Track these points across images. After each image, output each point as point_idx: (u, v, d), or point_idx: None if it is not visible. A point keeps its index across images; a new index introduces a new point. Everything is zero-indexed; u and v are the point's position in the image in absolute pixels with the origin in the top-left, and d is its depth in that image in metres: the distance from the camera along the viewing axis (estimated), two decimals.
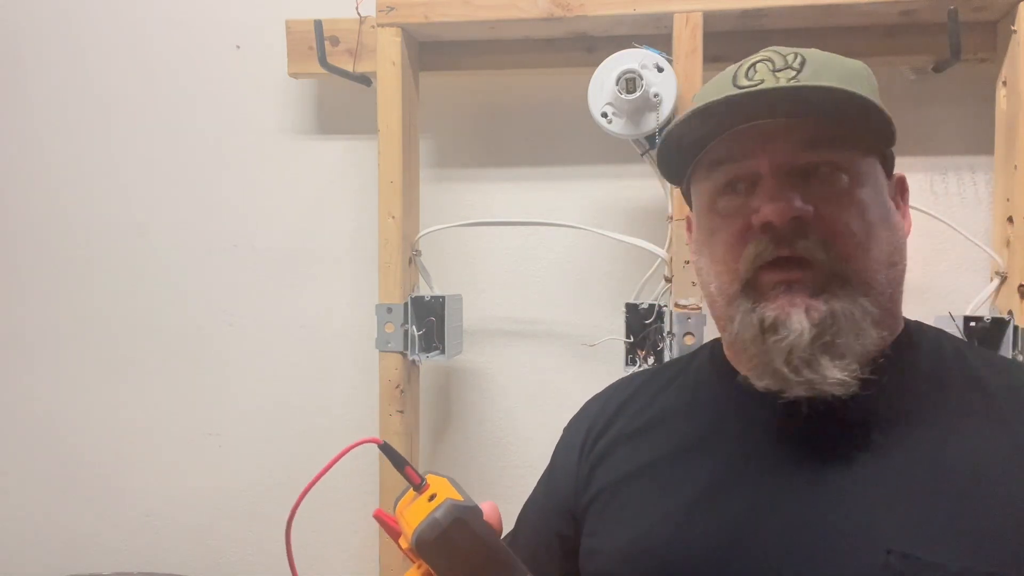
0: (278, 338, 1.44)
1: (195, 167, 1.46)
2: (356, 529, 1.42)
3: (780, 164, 0.64)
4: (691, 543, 0.65)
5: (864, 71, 0.68)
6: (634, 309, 1.19)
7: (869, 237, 0.64)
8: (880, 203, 0.66)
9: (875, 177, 0.67)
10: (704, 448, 0.70)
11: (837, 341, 0.62)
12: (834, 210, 0.64)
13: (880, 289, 0.65)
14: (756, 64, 0.66)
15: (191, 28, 1.46)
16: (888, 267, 0.65)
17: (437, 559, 0.54)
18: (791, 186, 0.64)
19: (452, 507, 0.53)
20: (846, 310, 0.62)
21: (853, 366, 0.62)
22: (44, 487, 1.52)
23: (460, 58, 1.31)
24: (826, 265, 0.63)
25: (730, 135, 0.66)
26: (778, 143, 0.65)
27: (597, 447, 0.79)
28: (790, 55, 0.66)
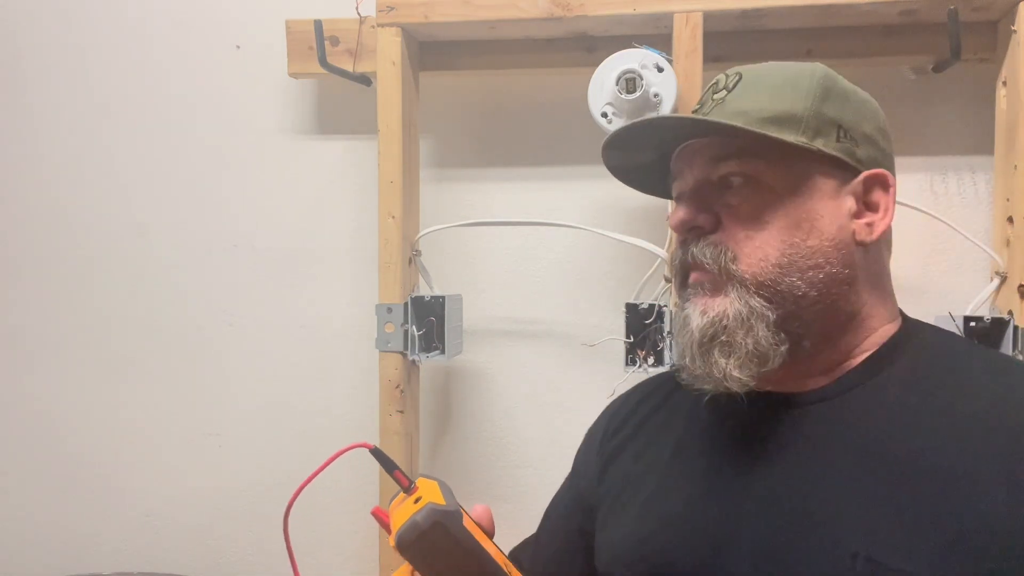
0: (278, 338, 1.44)
1: (195, 167, 1.46)
2: (356, 529, 1.42)
3: (697, 179, 0.71)
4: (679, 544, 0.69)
5: (805, 75, 0.70)
6: (634, 309, 1.19)
7: (765, 241, 0.67)
8: (793, 206, 0.67)
9: (792, 182, 0.67)
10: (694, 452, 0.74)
11: (730, 340, 0.66)
12: (731, 218, 0.69)
13: (790, 293, 0.66)
14: (708, 88, 0.74)
15: (191, 28, 1.46)
16: (803, 271, 0.66)
17: (417, 559, 0.57)
18: (702, 199, 0.70)
19: (431, 511, 0.57)
20: (736, 311, 0.66)
21: (749, 365, 0.66)
22: (44, 487, 1.52)
23: (460, 58, 1.31)
24: (715, 266, 0.68)
25: (676, 155, 0.74)
26: (696, 160, 0.71)
27: (612, 443, 0.83)
28: (732, 75, 0.72)
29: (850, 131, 0.69)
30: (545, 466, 1.37)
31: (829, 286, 0.67)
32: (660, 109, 1.12)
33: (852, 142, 0.69)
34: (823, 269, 0.67)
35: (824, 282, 0.67)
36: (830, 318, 0.68)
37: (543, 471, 1.37)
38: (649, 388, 0.87)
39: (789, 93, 0.68)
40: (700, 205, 0.70)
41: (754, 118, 0.66)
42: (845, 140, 0.68)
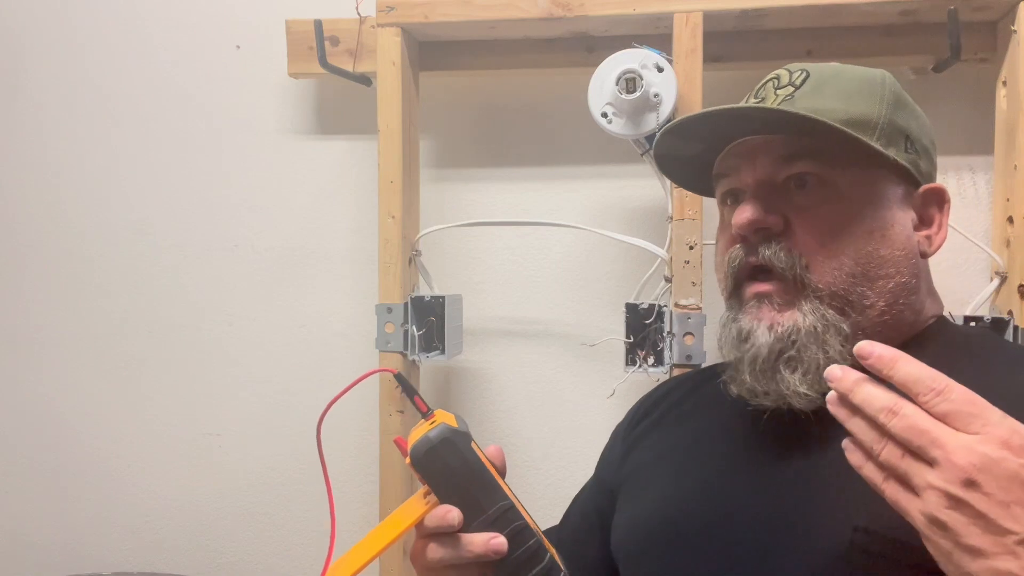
0: (278, 338, 1.44)
1: (195, 167, 1.46)
2: (356, 530, 1.42)
3: (760, 178, 0.68)
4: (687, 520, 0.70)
5: (876, 81, 0.69)
6: (634, 309, 1.19)
7: (841, 250, 0.65)
8: (869, 216, 0.66)
9: (868, 190, 0.66)
10: (717, 438, 0.74)
11: (800, 355, 0.64)
12: (804, 221, 0.66)
13: (860, 303, 0.65)
14: (767, 83, 0.70)
15: (191, 28, 1.46)
16: (874, 280, 0.65)
17: (426, 472, 0.62)
18: (768, 199, 0.67)
19: (444, 429, 0.63)
20: (810, 324, 0.64)
21: (818, 381, 0.63)
22: (44, 487, 1.52)
23: (460, 58, 1.31)
24: (789, 273, 0.65)
25: (728, 152, 0.71)
26: (759, 158, 0.68)
27: (636, 430, 0.84)
28: (796, 72, 0.69)
29: (915, 143, 0.69)
30: (546, 466, 1.37)
31: (897, 296, 0.67)
32: (660, 109, 1.12)
33: (916, 154, 0.69)
34: (893, 279, 0.66)
35: (893, 292, 0.66)
36: (892, 329, 0.67)
37: (544, 471, 1.37)
38: (679, 380, 0.88)
39: (865, 98, 0.67)
40: (767, 204, 0.66)
41: (832, 120, 0.64)
42: (911, 151, 0.68)
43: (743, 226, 0.66)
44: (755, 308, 0.67)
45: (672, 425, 0.81)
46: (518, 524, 0.62)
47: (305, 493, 1.43)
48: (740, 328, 0.67)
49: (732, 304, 0.70)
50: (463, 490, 0.62)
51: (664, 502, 0.73)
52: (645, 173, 1.26)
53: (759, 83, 0.72)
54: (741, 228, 0.66)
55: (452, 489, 0.62)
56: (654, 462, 0.78)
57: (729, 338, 0.69)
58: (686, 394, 0.83)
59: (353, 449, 1.38)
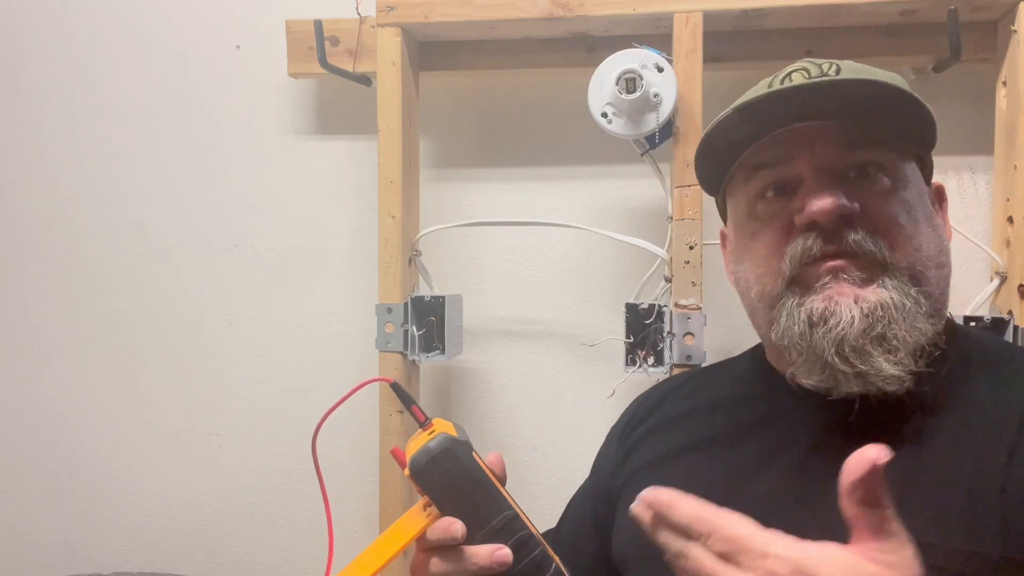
0: (278, 338, 1.44)
1: (195, 167, 1.46)
2: (356, 531, 1.42)
3: (822, 166, 0.65)
4: None
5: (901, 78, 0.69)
6: (634, 309, 1.19)
7: (917, 232, 0.64)
8: (923, 205, 0.67)
9: (916, 180, 0.67)
10: (735, 440, 0.72)
11: (889, 333, 0.60)
12: (880, 205, 0.64)
13: (931, 285, 0.64)
14: (792, 73, 0.66)
15: (191, 28, 1.46)
16: (937, 267, 0.65)
17: (427, 484, 0.61)
18: (834, 186, 0.64)
19: (444, 439, 0.61)
20: (898, 300, 0.61)
21: (906, 360, 0.61)
22: (44, 487, 1.52)
23: (460, 58, 1.31)
24: (875, 256, 0.62)
25: (769, 140, 0.66)
26: (818, 146, 0.65)
27: (636, 433, 0.83)
28: (826, 64, 0.66)
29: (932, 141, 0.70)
30: (546, 466, 1.37)
31: (946, 285, 0.67)
32: (660, 109, 1.12)
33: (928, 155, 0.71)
34: (945, 267, 0.67)
35: (946, 279, 0.67)
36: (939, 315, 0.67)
37: (544, 471, 1.37)
38: (677, 382, 0.87)
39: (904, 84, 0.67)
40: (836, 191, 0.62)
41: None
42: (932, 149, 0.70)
43: (828, 212, 0.62)
44: (832, 284, 0.62)
45: (676, 426, 0.80)
46: (523, 534, 0.60)
47: (305, 493, 1.43)
48: (812, 310, 0.62)
49: (792, 291, 0.64)
50: (465, 501, 0.60)
51: None
52: (645, 173, 1.26)
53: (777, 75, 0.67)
54: (826, 215, 0.62)
55: (454, 501, 0.60)
56: (655, 466, 0.77)
57: (797, 326, 0.63)
58: (688, 395, 0.83)
59: (353, 449, 1.38)
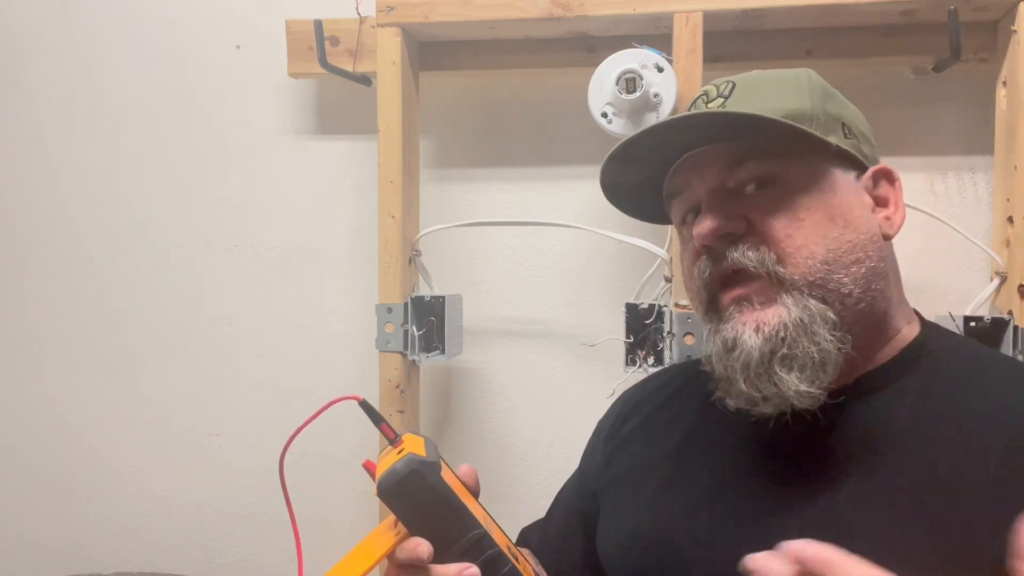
0: (278, 338, 1.44)
1: (195, 167, 1.46)
2: (354, 528, 1.42)
3: (712, 188, 0.67)
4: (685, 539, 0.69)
5: (801, 77, 0.69)
6: (634, 309, 1.19)
7: (809, 238, 0.64)
8: (827, 203, 0.65)
9: (819, 179, 0.66)
10: (711, 450, 0.73)
11: (792, 351, 0.62)
12: (765, 218, 0.65)
13: (838, 291, 0.64)
14: (696, 100, 0.71)
15: (191, 28, 1.46)
16: (847, 266, 0.64)
17: (395, 505, 0.60)
18: (725, 205, 0.66)
19: (410, 461, 0.59)
20: (796, 317, 0.62)
21: (817, 376, 0.62)
22: (44, 487, 1.52)
23: (460, 58, 1.31)
24: (762, 270, 0.64)
25: (675, 170, 0.71)
26: (707, 169, 0.68)
27: (620, 432, 0.83)
28: (723, 84, 0.70)
29: (852, 128, 0.69)
30: (545, 465, 1.37)
31: (870, 281, 0.65)
32: (660, 109, 1.12)
33: (856, 139, 0.69)
34: (864, 264, 0.65)
35: (866, 277, 0.65)
36: (868, 317, 0.66)
37: (544, 471, 1.37)
38: (663, 379, 0.87)
39: (793, 93, 0.67)
40: (725, 211, 0.65)
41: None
42: (851, 136, 0.68)
43: (706, 235, 0.65)
44: (736, 313, 0.65)
45: (661, 427, 0.79)
46: (492, 552, 0.60)
47: (305, 493, 1.43)
48: (725, 338, 0.65)
49: (710, 317, 0.68)
50: (433, 521, 0.60)
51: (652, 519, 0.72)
52: None
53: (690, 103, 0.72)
54: (704, 238, 0.65)
55: (421, 521, 0.60)
56: (644, 467, 0.77)
57: (716, 351, 0.66)
58: (673, 393, 0.82)
59: (352, 448, 1.38)
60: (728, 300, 0.66)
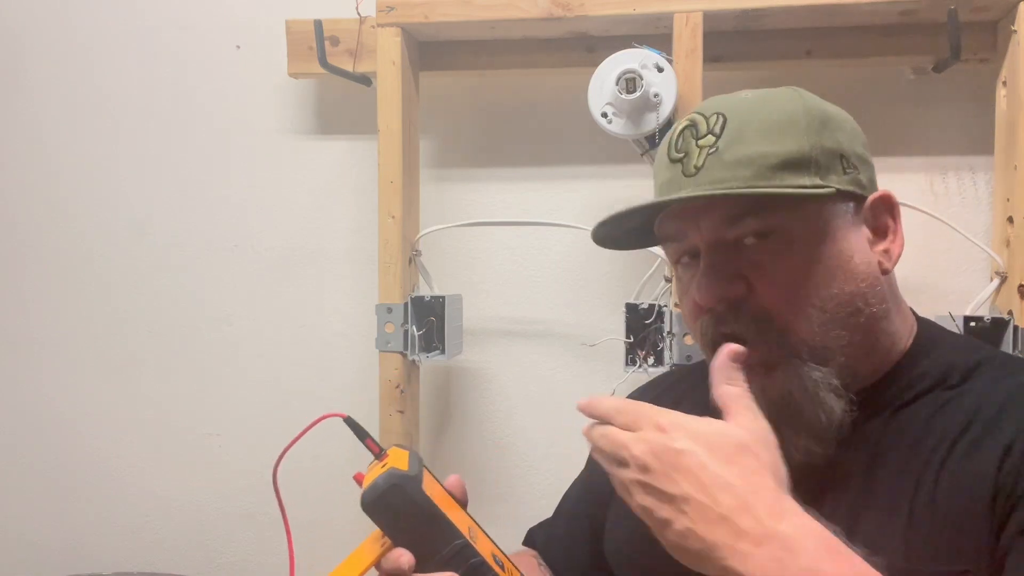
0: (278, 338, 1.44)
1: (195, 167, 1.46)
2: (353, 529, 1.41)
3: (710, 242, 0.66)
4: None
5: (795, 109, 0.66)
6: (634, 309, 1.19)
7: (808, 302, 0.63)
8: (828, 255, 0.64)
9: (819, 226, 0.64)
10: None
11: (798, 417, 0.63)
12: (765, 281, 0.64)
13: (838, 345, 0.64)
14: (684, 132, 0.68)
15: (191, 28, 1.46)
16: (847, 319, 0.64)
17: (379, 519, 0.62)
18: (723, 263, 0.65)
19: (391, 475, 0.62)
20: (801, 388, 0.63)
21: (825, 434, 0.64)
22: (44, 487, 1.52)
23: (460, 58, 1.31)
24: (765, 343, 0.64)
25: (668, 214, 0.70)
26: (704, 221, 0.66)
27: None
28: (712, 116, 0.67)
29: (850, 158, 0.67)
30: (546, 466, 1.37)
31: (870, 328, 0.66)
32: (660, 109, 1.12)
33: (855, 169, 0.67)
34: (863, 313, 0.65)
35: (866, 324, 0.65)
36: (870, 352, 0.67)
37: (544, 471, 1.37)
38: (670, 381, 0.87)
39: (789, 131, 0.64)
40: (724, 272, 0.65)
41: (764, 166, 0.63)
42: (850, 170, 0.66)
43: (706, 303, 0.65)
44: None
45: None
46: (474, 561, 0.62)
47: (305, 493, 1.43)
48: None
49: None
50: (414, 533, 0.62)
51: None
52: (645, 173, 1.26)
53: (674, 131, 0.69)
54: (707, 304, 0.66)
55: (404, 533, 0.62)
56: None
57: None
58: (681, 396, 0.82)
59: (352, 448, 1.38)
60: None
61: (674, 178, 0.67)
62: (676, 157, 0.68)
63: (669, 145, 0.70)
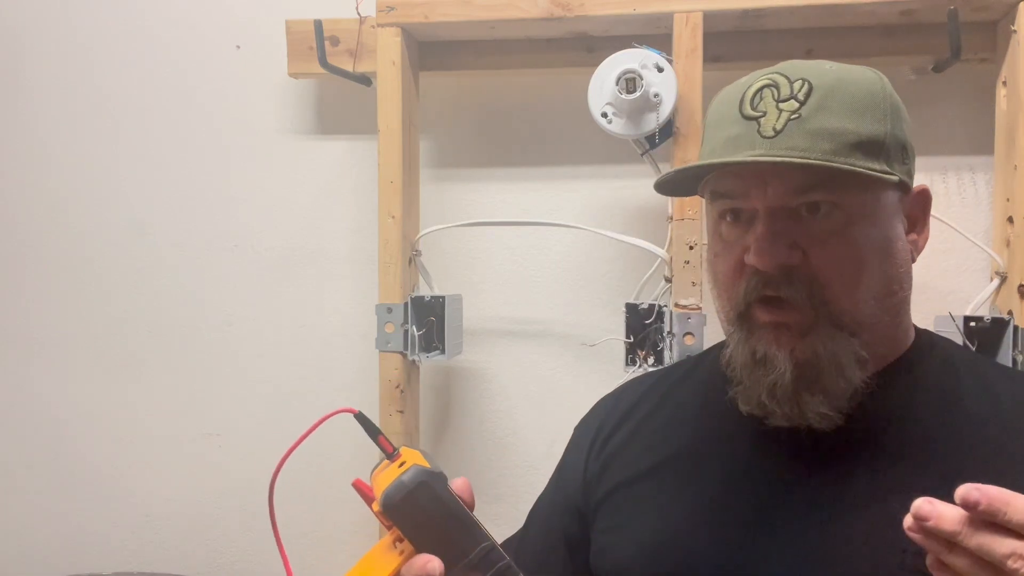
0: (278, 338, 1.44)
1: (195, 167, 1.46)
2: (353, 529, 1.42)
3: (774, 206, 0.65)
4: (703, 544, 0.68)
5: (877, 92, 0.66)
6: (634, 309, 1.19)
7: (860, 277, 0.65)
8: (879, 236, 0.66)
9: (876, 209, 0.66)
10: (714, 451, 0.73)
11: (820, 380, 0.65)
12: (822, 252, 0.65)
13: (873, 323, 0.66)
14: (763, 90, 0.67)
15: (191, 28, 1.46)
16: (884, 298, 0.67)
17: (402, 519, 0.58)
18: (783, 230, 0.65)
19: (418, 472, 0.58)
20: (830, 352, 0.64)
21: (840, 402, 0.65)
22: (44, 487, 1.52)
23: (460, 58, 1.31)
24: (810, 308, 0.65)
25: (731, 171, 0.68)
26: (771, 186, 0.65)
27: (608, 446, 0.81)
28: (797, 82, 0.65)
29: (908, 150, 0.68)
30: (545, 466, 1.36)
31: (899, 309, 0.69)
32: (660, 109, 1.12)
33: (911, 161, 0.69)
34: (896, 295, 0.68)
35: (897, 306, 0.68)
36: (889, 336, 0.70)
37: (544, 471, 1.36)
38: (642, 388, 0.84)
39: (872, 114, 0.65)
40: (784, 238, 0.65)
41: (844, 143, 0.63)
42: (908, 160, 0.68)
43: (766, 267, 0.65)
44: (771, 333, 0.66)
45: (655, 437, 0.78)
46: (501, 564, 0.58)
47: (304, 493, 1.43)
48: (755, 350, 0.67)
49: (742, 324, 0.68)
50: (443, 535, 0.58)
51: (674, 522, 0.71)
52: (645, 173, 1.26)
53: (750, 87, 0.68)
54: (764, 268, 0.65)
55: (430, 535, 0.58)
56: (644, 477, 0.75)
57: (743, 360, 0.68)
58: (658, 402, 0.81)
59: (352, 448, 1.38)
60: (765, 319, 0.66)
61: (746, 135, 0.66)
62: (751, 115, 0.66)
63: (743, 100, 0.67)
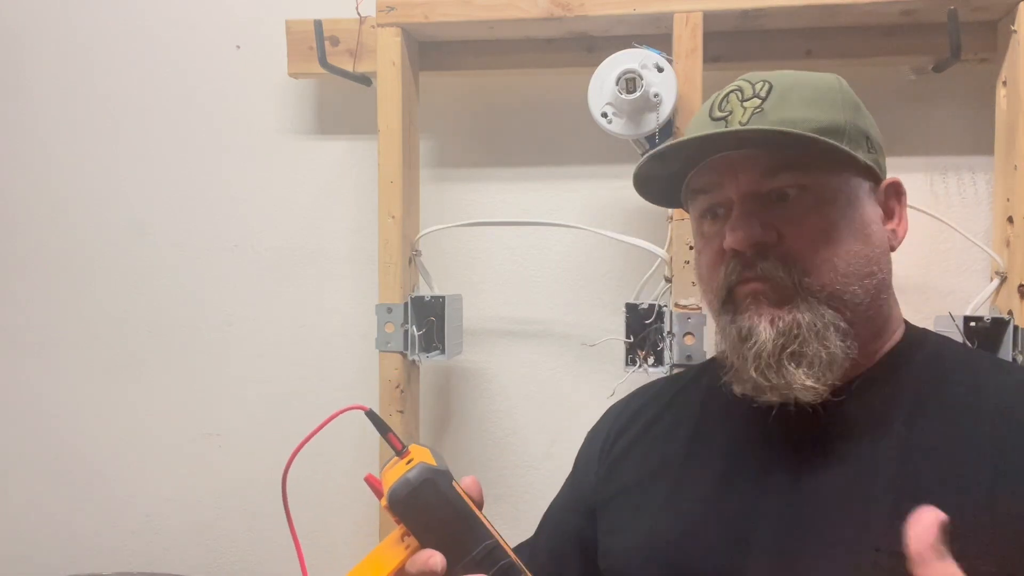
0: (278, 338, 1.44)
1: (195, 167, 1.46)
2: (355, 529, 1.42)
3: (746, 193, 0.69)
4: (699, 543, 0.70)
5: (834, 88, 0.71)
6: (634, 309, 1.19)
7: (834, 253, 0.67)
8: (851, 217, 0.69)
9: (847, 192, 0.69)
10: (710, 451, 0.75)
11: (802, 349, 0.66)
12: (795, 231, 0.68)
13: (852, 301, 0.68)
14: (729, 95, 0.72)
15: (191, 28, 1.46)
16: (861, 279, 0.68)
17: (407, 515, 0.59)
18: (756, 212, 0.68)
19: (423, 469, 0.59)
20: (809, 321, 0.66)
21: (823, 374, 0.66)
22: (44, 487, 1.52)
23: (460, 58, 1.31)
24: (787, 281, 0.67)
25: (705, 167, 0.72)
26: (742, 173, 0.69)
27: (616, 448, 0.83)
28: (758, 83, 0.71)
29: (873, 142, 0.71)
30: (546, 466, 1.37)
31: (879, 291, 0.70)
32: (660, 109, 1.12)
33: (876, 152, 0.71)
34: (876, 276, 0.69)
35: (876, 288, 0.69)
36: (873, 323, 0.71)
37: (543, 471, 1.37)
38: (651, 392, 0.87)
39: (828, 105, 0.69)
40: (758, 219, 0.68)
41: (805, 128, 0.66)
42: (872, 151, 0.71)
43: (740, 245, 0.68)
44: (753, 306, 0.68)
45: (659, 439, 0.80)
46: (504, 562, 0.59)
47: (305, 493, 1.43)
48: (740, 327, 0.69)
49: (727, 308, 0.71)
50: (446, 532, 0.59)
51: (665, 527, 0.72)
52: None
53: (718, 95, 0.73)
54: (739, 246, 0.68)
55: (434, 532, 0.59)
56: (647, 480, 0.77)
57: (731, 340, 0.70)
58: (665, 405, 0.83)
59: (352, 448, 1.38)
60: (745, 292, 0.69)
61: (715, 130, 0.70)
62: (719, 116, 0.71)
63: (712, 106, 0.73)
